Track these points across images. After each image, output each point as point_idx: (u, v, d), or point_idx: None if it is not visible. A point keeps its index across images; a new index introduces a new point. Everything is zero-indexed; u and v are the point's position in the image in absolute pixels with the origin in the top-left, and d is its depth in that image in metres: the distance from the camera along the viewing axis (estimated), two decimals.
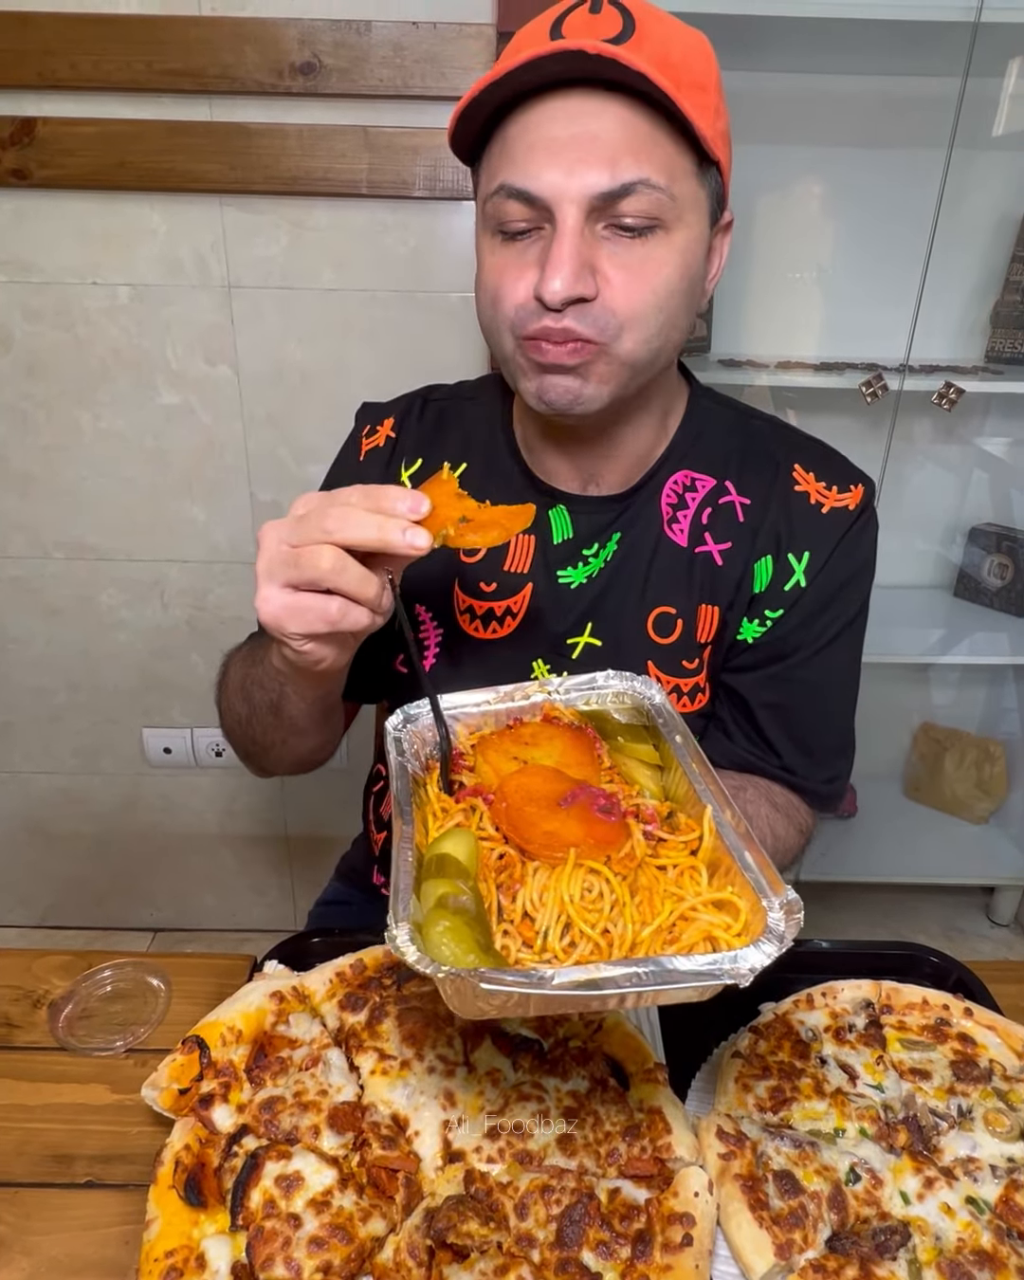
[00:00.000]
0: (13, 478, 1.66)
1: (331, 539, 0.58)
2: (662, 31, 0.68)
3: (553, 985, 0.46)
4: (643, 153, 0.67)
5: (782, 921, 0.50)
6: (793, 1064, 0.68)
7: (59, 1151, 0.64)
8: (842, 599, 0.86)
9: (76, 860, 2.00)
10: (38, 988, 0.78)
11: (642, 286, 0.70)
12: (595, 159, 0.66)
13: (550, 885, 0.56)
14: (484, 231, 0.75)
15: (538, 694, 0.72)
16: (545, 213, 0.69)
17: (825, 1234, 0.57)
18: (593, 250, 0.69)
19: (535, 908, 0.56)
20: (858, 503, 0.85)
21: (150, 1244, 0.54)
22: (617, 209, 0.68)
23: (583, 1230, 0.55)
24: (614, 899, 0.55)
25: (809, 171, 1.71)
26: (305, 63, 1.37)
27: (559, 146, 0.66)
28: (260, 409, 1.61)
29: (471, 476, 0.89)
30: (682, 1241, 0.54)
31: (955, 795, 2.30)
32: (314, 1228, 0.55)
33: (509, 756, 0.66)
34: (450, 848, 0.57)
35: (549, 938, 0.54)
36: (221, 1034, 0.66)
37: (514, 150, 0.69)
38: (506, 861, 0.58)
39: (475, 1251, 0.54)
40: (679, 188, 0.69)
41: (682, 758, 0.64)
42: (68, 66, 1.37)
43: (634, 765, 0.66)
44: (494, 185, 0.70)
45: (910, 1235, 0.56)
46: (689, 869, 0.58)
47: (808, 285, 1.81)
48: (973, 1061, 0.68)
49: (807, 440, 0.90)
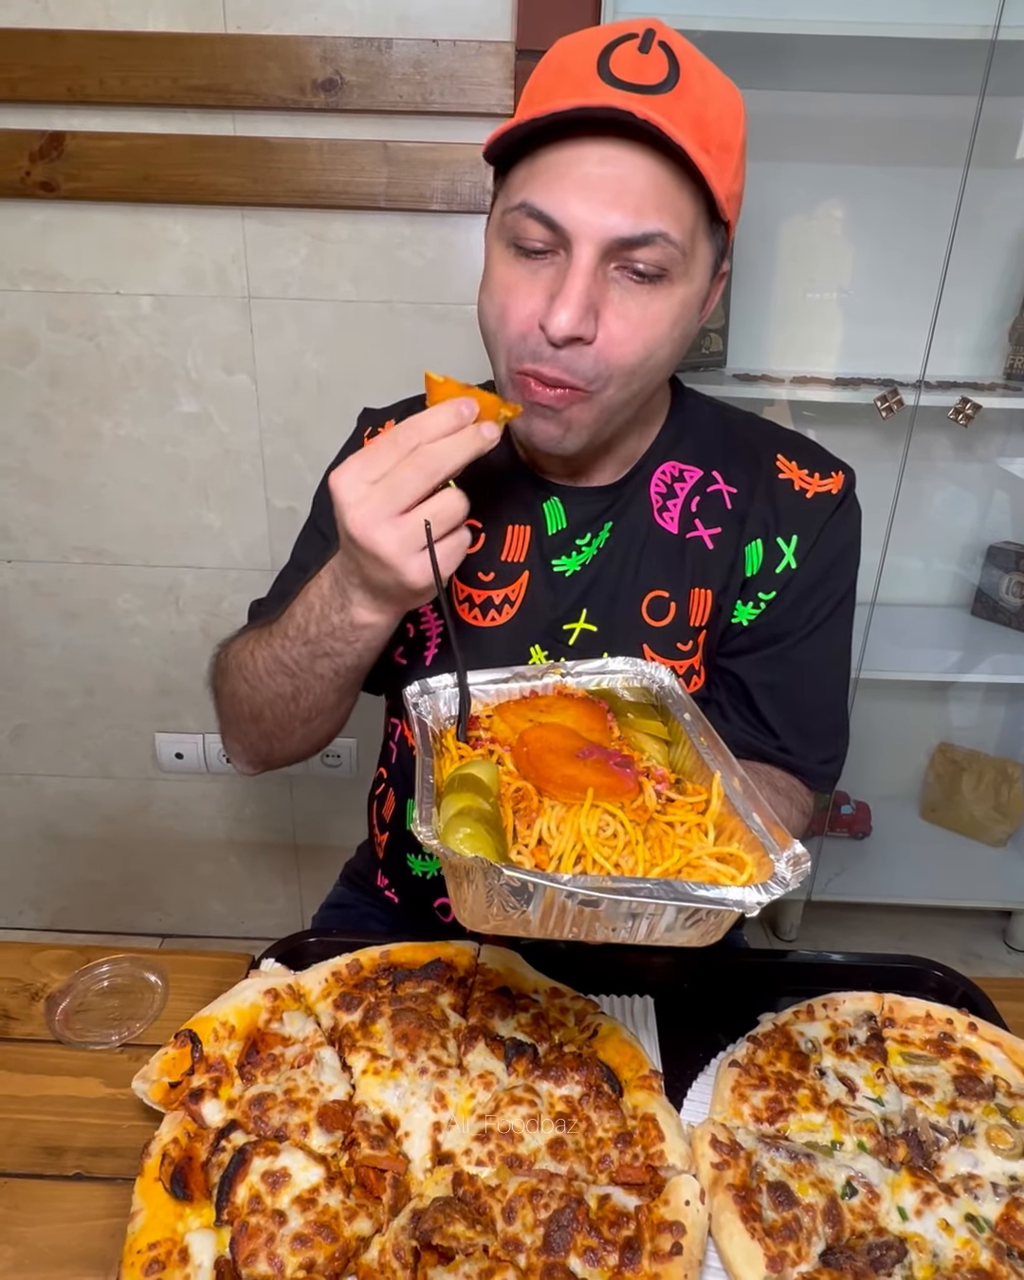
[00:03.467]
0: (34, 483, 1.69)
1: (442, 474, 0.66)
2: (702, 87, 0.69)
3: (562, 881, 0.49)
4: (666, 206, 0.69)
5: (787, 871, 0.53)
6: (791, 1075, 0.67)
7: (50, 1143, 0.64)
8: (831, 578, 0.88)
9: (87, 864, 2.01)
10: (36, 981, 0.78)
11: (636, 339, 0.73)
12: (622, 204, 0.68)
13: (568, 818, 0.58)
14: (498, 240, 0.76)
15: (551, 675, 0.75)
16: (564, 240, 0.70)
17: (819, 1248, 0.56)
18: (601, 291, 0.71)
19: (552, 835, 0.58)
20: (840, 488, 0.88)
21: (134, 1235, 0.54)
22: (632, 254, 0.70)
23: (570, 1236, 0.54)
24: (627, 839, 0.57)
25: (827, 189, 1.72)
26: (327, 79, 1.40)
27: (590, 183, 0.68)
28: (277, 417, 1.62)
29: (469, 471, 0.91)
30: (671, 1250, 0.54)
31: (973, 817, 2.27)
32: (299, 1225, 0.54)
33: (524, 719, 0.68)
34: (475, 770, 0.60)
35: (564, 863, 0.56)
36: (214, 1029, 0.66)
37: (545, 174, 0.70)
38: (523, 794, 0.61)
39: (461, 1254, 0.54)
40: (691, 243, 0.72)
41: (691, 733, 0.67)
42: (96, 82, 1.40)
43: (643, 738, 0.68)
44: (518, 200, 0.71)
45: (907, 1251, 0.55)
46: (696, 826, 0.60)
47: (826, 302, 1.81)
48: (976, 1077, 0.66)
49: (785, 432, 0.93)
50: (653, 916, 0.51)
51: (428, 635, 0.94)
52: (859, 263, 1.77)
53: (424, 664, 0.93)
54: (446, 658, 0.92)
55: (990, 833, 2.25)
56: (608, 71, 0.68)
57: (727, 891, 0.51)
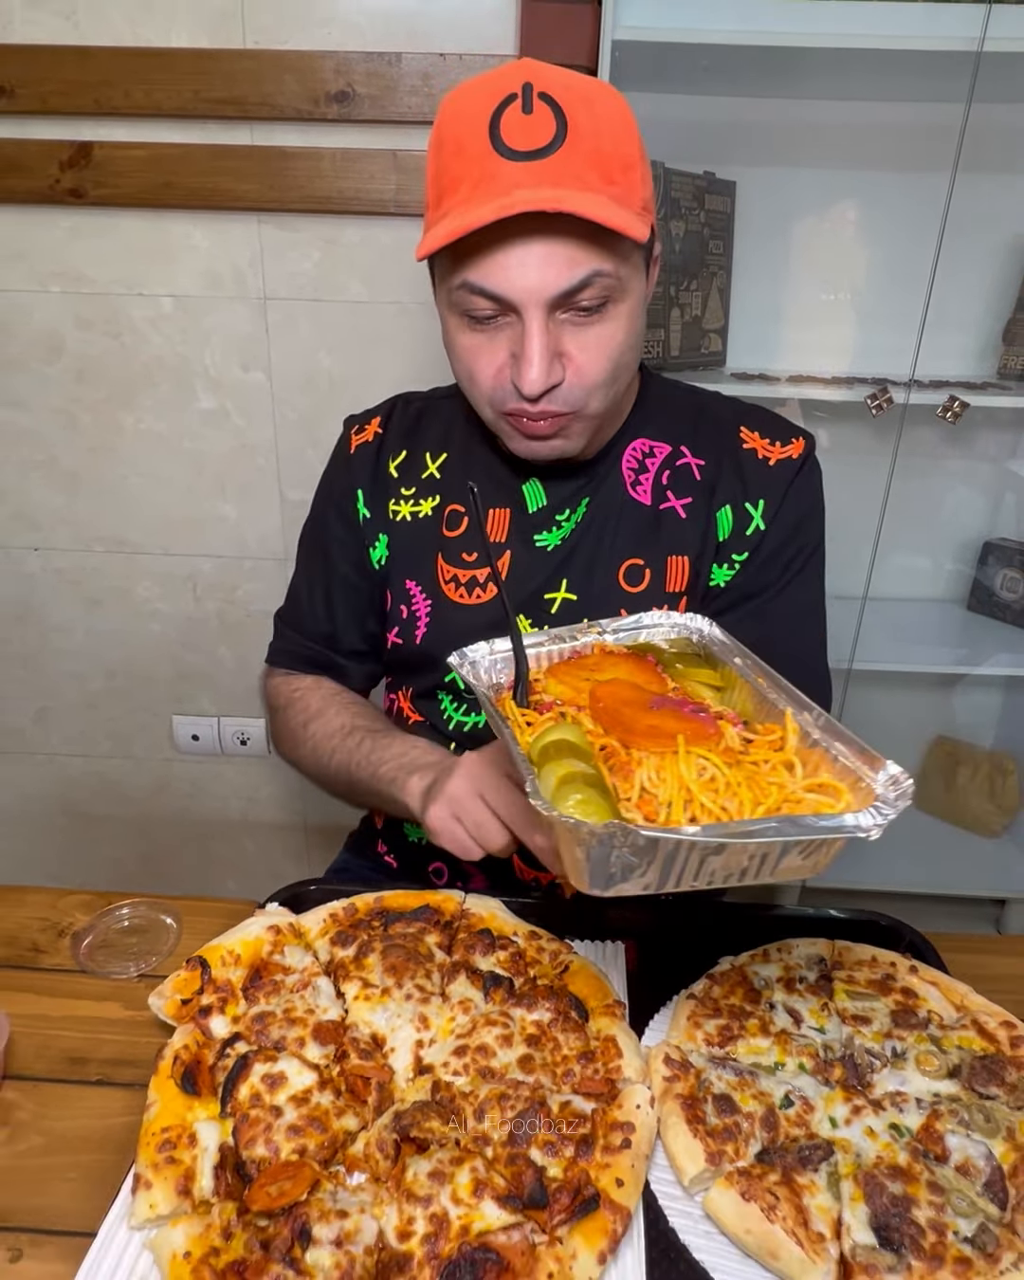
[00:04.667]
0: (61, 476, 1.77)
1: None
2: (590, 122, 0.73)
3: (688, 834, 0.49)
4: (592, 248, 0.74)
5: (889, 791, 0.53)
6: (743, 1007, 0.73)
7: (75, 1055, 0.72)
8: (799, 535, 0.95)
9: (108, 842, 2.10)
10: (62, 920, 0.86)
11: (601, 359, 0.80)
12: (553, 265, 0.74)
13: (666, 766, 0.58)
14: (451, 313, 0.82)
15: (590, 634, 0.76)
16: (510, 306, 0.76)
17: (756, 1149, 0.62)
18: (557, 337, 0.78)
19: (655, 784, 0.58)
20: (800, 453, 0.94)
21: (149, 1122, 0.61)
22: (574, 299, 0.76)
23: (532, 1132, 0.61)
24: (727, 781, 0.57)
25: (826, 194, 1.77)
26: (340, 91, 1.47)
27: (520, 256, 0.74)
28: (291, 413, 1.70)
29: (452, 464, 1.00)
30: (620, 1145, 0.60)
31: (969, 809, 2.31)
32: (293, 1118, 0.61)
33: (579, 679, 0.70)
34: (562, 735, 0.61)
35: (673, 810, 0.56)
36: (222, 956, 0.73)
37: (476, 255, 0.75)
38: (610, 750, 0.61)
39: (435, 1145, 0.61)
40: (624, 266, 0.77)
41: (747, 675, 0.68)
42: (122, 95, 1.48)
43: (697, 686, 0.70)
44: (458, 280, 0.77)
45: (833, 1152, 0.61)
46: (782, 763, 0.60)
47: (823, 304, 1.87)
48: (913, 1011, 0.73)
49: (749, 406, 0.99)
50: (775, 853, 0.51)
51: (418, 616, 1.00)
52: (857, 266, 1.83)
53: (415, 642, 1.00)
54: (435, 636, 0.99)
55: (986, 824, 2.30)
56: (501, 143, 0.72)
57: (843, 819, 0.51)
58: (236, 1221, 0.56)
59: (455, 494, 0.99)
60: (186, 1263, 0.53)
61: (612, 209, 0.72)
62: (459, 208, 0.74)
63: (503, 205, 0.70)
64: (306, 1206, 0.56)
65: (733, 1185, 0.58)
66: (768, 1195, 0.57)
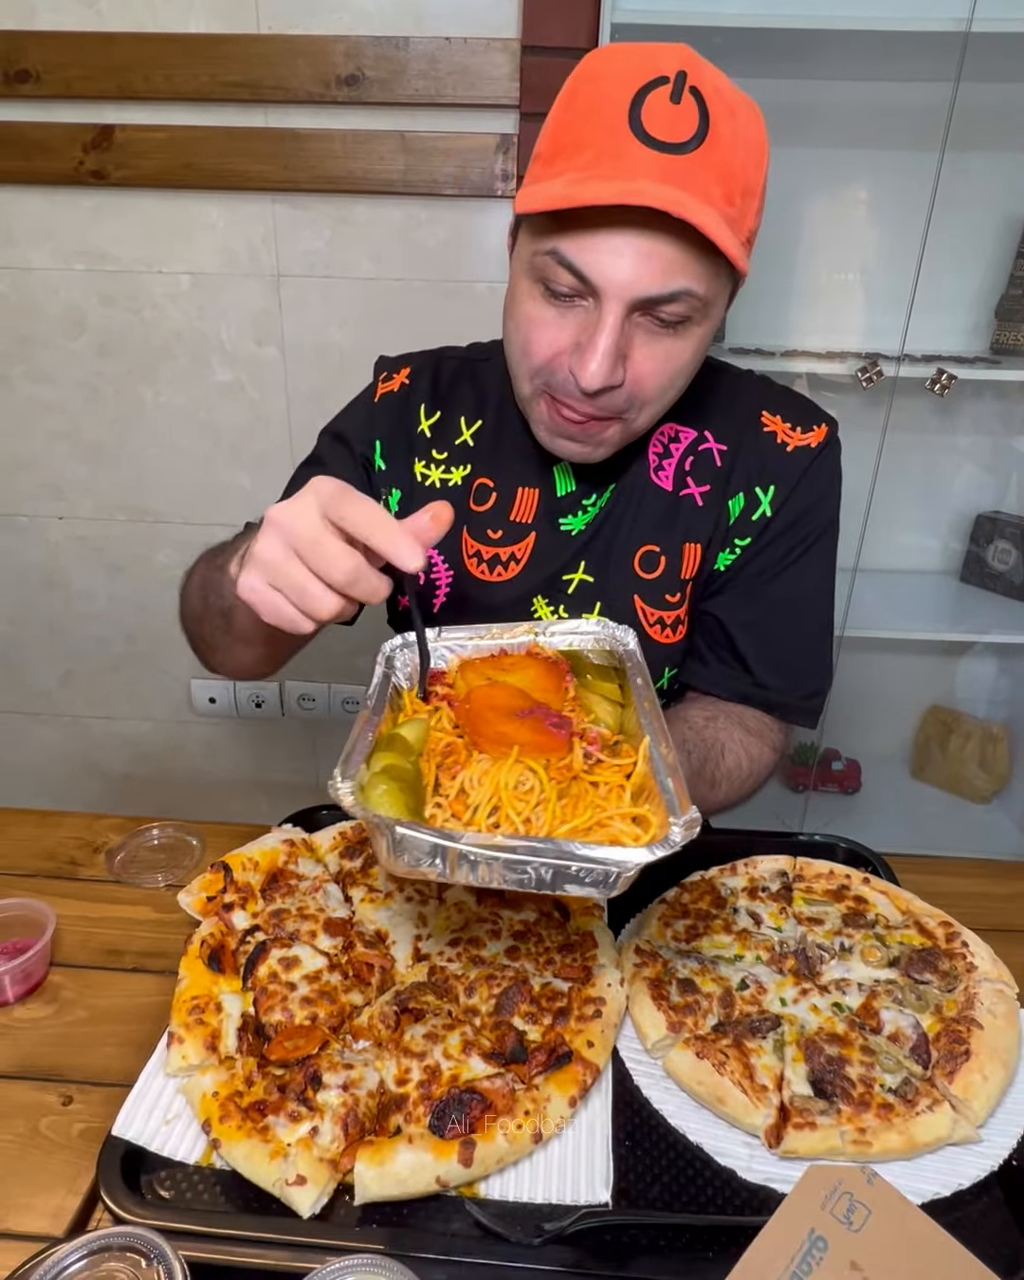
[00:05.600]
0: (85, 448, 1.86)
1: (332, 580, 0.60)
2: (730, 132, 0.70)
3: (460, 840, 0.52)
4: (691, 267, 0.72)
5: (679, 833, 0.54)
6: (709, 911, 0.81)
7: (113, 948, 0.81)
8: (804, 523, 0.94)
9: (128, 800, 2.19)
10: (97, 839, 0.95)
11: (663, 375, 0.79)
12: (650, 268, 0.71)
13: (491, 771, 0.61)
14: (525, 276, 0.78)
15: (525, 635, 0.78)
16: (592, 291, 0.74)
17: (713, 1022, 0.71)
18: (628, 338, 0.76)
19: (472, 786, 0.61)
20: (820, 440, 0.93)
21: (180, 993, 0.70)
22: (657, 309, 0.74)
23: (515, 1004, 0.69)
24: (542, 795, 0.60)
25: (825, 174, 1.82)
26: (350, 75, 1.54)
27: (621, 245, 0.71)
28: (303, 386, 1.77)
29: (486, 434, 0.99)
30: (593, 1014, 0.69)
31: (960, 775, 2.38)
32: (306, 991, 0.70)
33: (484, 677, 0.73)
34: (404, 731, 0.66)
35: (479, 814, 0.59)
36: (242, 862, 0.82)
37: (576, 228, 0.72)
38: (452, 749, 0.65)
39: (430, 1014, 0.69)
40: (713, 291, 0.76)
41: (637, 698, 0.69)
42: (142, 80, 1.55)
43: (596, 700, 0.71)
44: (549, 246, 0.73)
45: (780, 1024, 0.70)
46: (617, 788, 0.62)
47: (818, 283, 1.93)
48: (862, 914, 0.81)
49: (778, 389, 0.99)
50: (546, 875, 0.52)
51: (437, 584, 0.99)
52: (853, 244, 1.88)
53: (431, 610, 1.00)
54: (452, 607, 0.99)
55: (977, 790, 2.37)
56: (640, 125, 0.69)
57: (609, 852, 0.52)
58: (257, 1072, 0.65)
59: (486, 466, 0.98)
60: (215, 1100, 0.62)
61: (725, 232, 0.69)
62: (578, 174, 0.70)
63: (626, 191, 0.67)
64: (318, 1059, 0.64)
65: (689, 1048, 0.67)
66: (719, 1054, 0.66)
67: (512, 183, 1.59)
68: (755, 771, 0.94)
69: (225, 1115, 0.61)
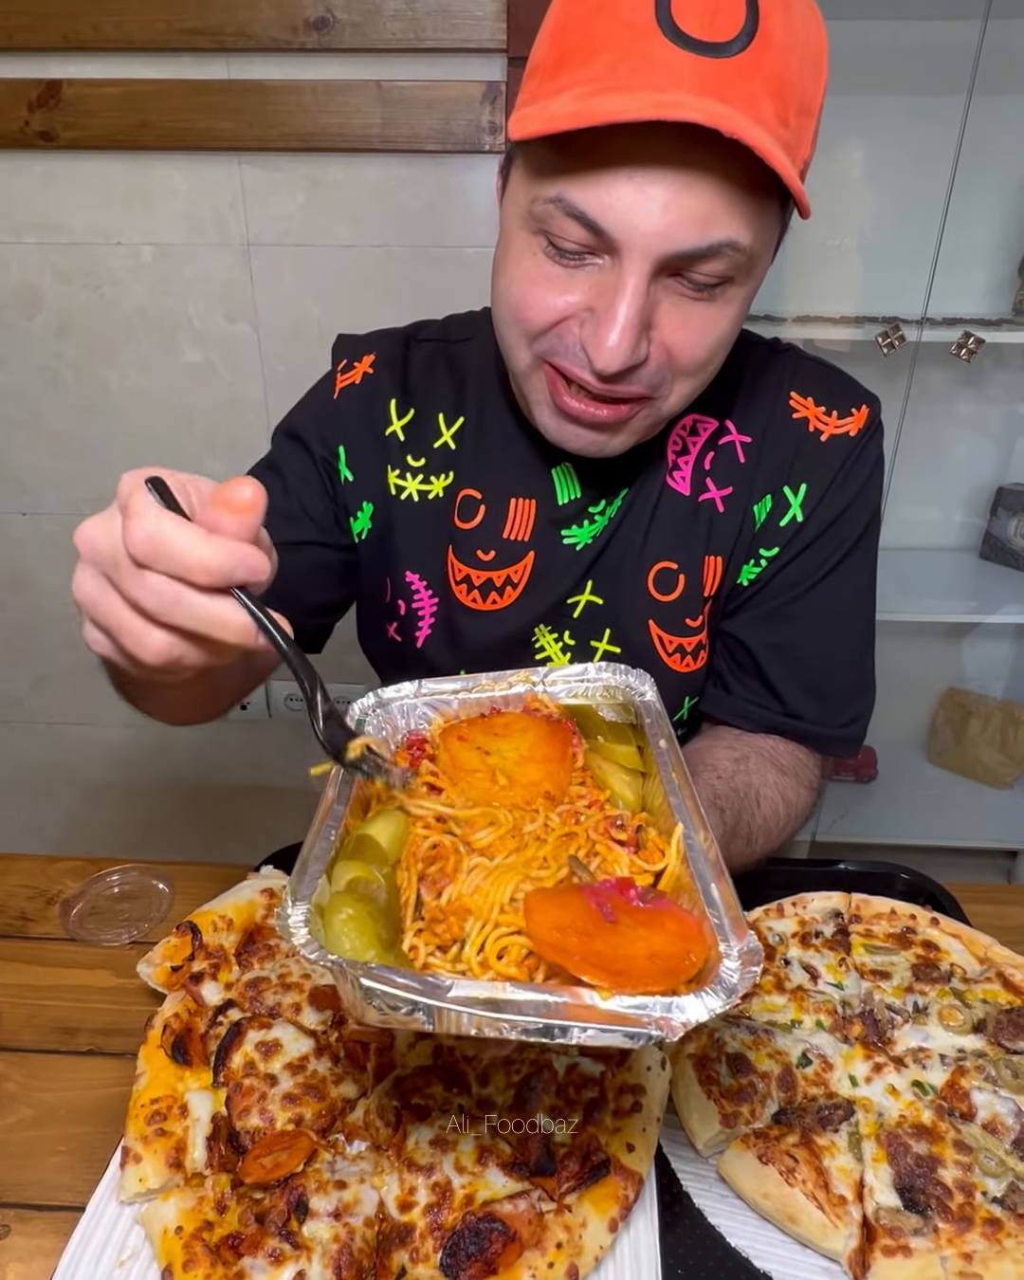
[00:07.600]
0: (46, 436, 1.72)
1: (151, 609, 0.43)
2: (785, 31, 0.55)
3: (447, 997, 0.39)
4: (736, 210, 0.57)
5: (736, 972, 0.41)
6: None
7: (64, 1025, 0.70)
8: (841, 526, 0.80)
9: (110, 809, 2.08)
10: (52, 888, 0.84)
11: (699, 346, 0.64)
12: (687, 214, 0.56)
13: (484, 888, 0.48)
14: (521, 230, 0.63)
15: (522, 685, 0.65)
16: (610, 247, 0.59)
17: (772, 1109, 0.60)
18: (653, 304, 0.61)
19: (463, 906, 0.48)
20: (860, 426, 0.79)
21: (139, 1093, 0.59)
22: (692, 267, 0.59)
23: (539, 1097, 0.58)
24: None
25: (840, 125, 1.68)
26: (319, 18, 1.39)
27: (648, 185, 0.56)
28: (280, 366, 1.64)
29: (467, 433, 0.83)
30: (630, 1108, 0.58)
31: (980, 760, 2.29)
32: (289, 1086, 0.59)
33: (474, 748, 0.60)
34: (375, 830, 0.52)
35: (468, 947, 0.46)
36: (213, 921, 0.70)
37: (588, 164, 0.56)
38: (438, 853, 0.51)
39: (437, 1111, 0.58)
40: (759, 242, 0.61)
41: (662, 766, 0.56)
42: (90, 28, 1.40)
43: (610, 769, 0.59)
44: (553, 192, 0.58)
45: (854, 1111, 0.59)
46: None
47: (837, 244, 1.80)
48: (934, 965, 0.70)
49: (804, 362, 0.82)
50: (558, 1031, 0.39)
51: (421, 614, 0.85)
52: (869, 202, 1.74)
53: (415, 645, 0.87)
54: (440, 640, 0.85)
55: (998, 775, 2.28)
56: (670, 20, 0.53)
57: (649, 1007, 0.39)
58: (231, 1194, 0.54)
59: (471, 473, 0.82)
60: (178, 1238, 0.51)
61: (785, 160, 0.54)
62: (590, 87, 0.54)
63: (661, 103, 0.51)
64: (303, 1178, 0.53)
65: (749, 1148, 0.56)
66: (786, 1157, 0.55)
67: (500, 136, 1.45)
68: (793, 817, 0.80)
69: (191, 1260, 0.50)
